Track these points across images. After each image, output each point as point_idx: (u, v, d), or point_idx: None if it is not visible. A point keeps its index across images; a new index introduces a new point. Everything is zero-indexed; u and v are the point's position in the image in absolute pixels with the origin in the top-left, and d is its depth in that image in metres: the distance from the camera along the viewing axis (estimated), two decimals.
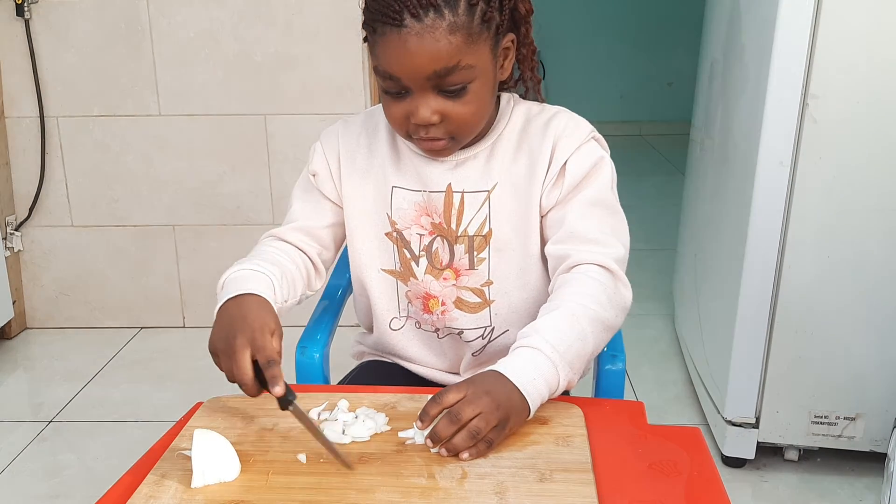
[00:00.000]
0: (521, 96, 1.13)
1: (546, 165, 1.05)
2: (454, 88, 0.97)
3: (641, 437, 0.91)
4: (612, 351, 1.16)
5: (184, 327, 2.74)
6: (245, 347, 0.90)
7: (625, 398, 1.14)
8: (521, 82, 1.11)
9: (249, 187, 2.60)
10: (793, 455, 1.93)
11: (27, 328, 2.75)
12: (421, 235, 1.10)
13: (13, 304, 2.62)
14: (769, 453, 1.95)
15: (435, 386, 1.10)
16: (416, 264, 1.11)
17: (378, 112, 1.11)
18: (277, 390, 0.87)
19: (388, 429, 0.90)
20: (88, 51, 2.49)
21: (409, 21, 0.92)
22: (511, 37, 1.03)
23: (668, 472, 0.84)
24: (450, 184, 1.07)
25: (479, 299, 1.11)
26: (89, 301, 2.72)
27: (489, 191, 1.07)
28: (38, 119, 2.54)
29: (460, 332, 1.13)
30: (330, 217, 1.15)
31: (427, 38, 0.92)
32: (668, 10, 5.31)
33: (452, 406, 0.86)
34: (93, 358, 2.53)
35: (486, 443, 0.85)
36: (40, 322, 2.75)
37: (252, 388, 0.90)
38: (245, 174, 2.59)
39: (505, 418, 0.86)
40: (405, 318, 1.16)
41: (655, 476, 0.83)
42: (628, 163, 2.89)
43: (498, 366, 0.91)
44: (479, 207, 1.07)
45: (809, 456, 1.95)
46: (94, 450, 2.07)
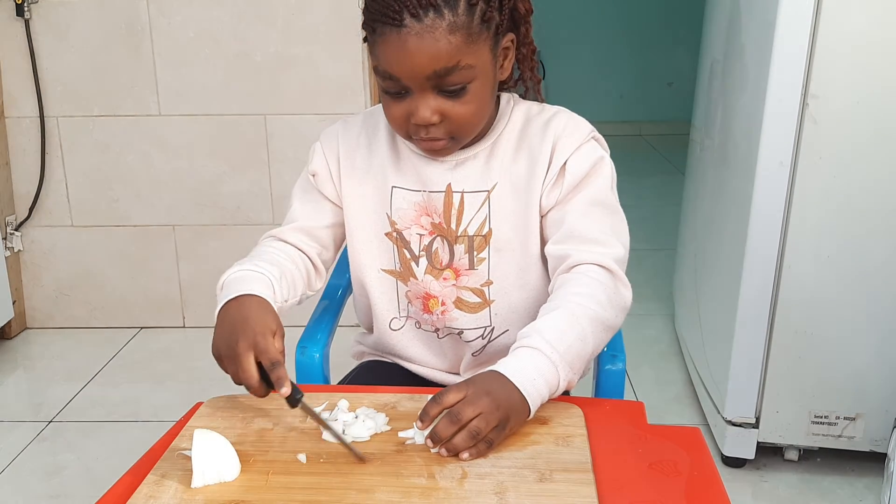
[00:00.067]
0: (521, 96, 1.13)
1: (546, 165, 1.05)
2: (454, 88, 0.97)
3: (641, 437, 0.91)
4: (612, 351, 1.16)
5: (184, 327, 2.74)
6: (248, 351, 0.90)
7: (625, 398, 1.14)
8: (520, 82, 1.11)
9: (249, 187, 2.60)
10: (793, 455, 1.93)
11: (27, 328, 2.75)
12: (421, 235, 1.10)
13: (13, 304, 2.62)
14: (769, 453, 1.95)
15: (435, 386, 1.10)
16: (416, 264, 1.11)
17: (378, 112, 1.11)
18: (284, 391, 0.88)
19: (388, 429, 0.90)
20: (88, 51, 2.49)
21: (408, 21, 0.92)
22: (511, 37, 1.03)
23: (668, 472, 0.84)
24: (449, 184, 1.07)
25: (478, 299, 1.11)
26: (89, 301, 2.72)
27: (489, 191, 1.07)
28: (38, 119, 2.54)
29: (460, 332, 1.13)
30: (330, 217, 1.15)
31: (427, 38, 0.92)
32: (668, 10, 5.30)
33: (453, 406, 0.86)
34: (93, 358, 2.53)
35: (486, 443, 0.85)
36: (40, 322, 2.75)
37: (259, 390, 0.90)
38: (245, 174, 2.59)
39: (505, 418, 0.86)
40: (405, 319, 1.16)
41: (655, 476, 0.83)
42: (628, 163, 2.89)
43: (498, 366, 0.91)
44: (479, 207, 1.07)
45: (809, 456, 1.95)
46: (94, 450, 2.07)
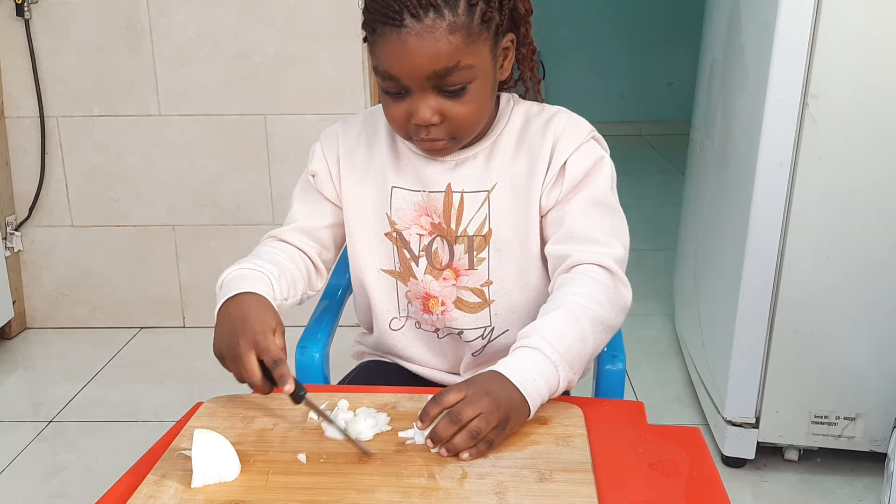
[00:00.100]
0: (521, 96, 1.13)
1: (546, 165, 1.05)
2: (454, 88, 0.97)
3: (641, 437, 0.91)
4: (612, 351, 1.16)
5: (184, 327, 2.74)
6: (249, 350, 0.90)
7: (625, 398, 1.14)
8: (520, 82, 1.11)
9: (249, 187, 2.60)
10: (793, 455, 1.93)
11: (27, 328, 2.75)
12: (420, 235, 1.10)
13: (13, 304, 2.62)
14: (769, 453, 1.95)
15: (435, 386, 1.10)
16: (416, 264, 1.11)
17: (378, 112, 1.11)
18: (288, 388, 0.89)
19: (388, 428, 0.90)
20: (88, 51, 2.49)
21: (409, 21, 0.92)
22: (511, 37, 1.03)
23: (668, 472, 0.84)
24: (449, 184, 1.07)
25: (478, 299, 1.11)
26: (89, 301, 2.72)
27: (489, 191, 1.07)
28: (38, 119, 2.54)
29: (460, 332, 1.13)
30: (329, 217, 1.15)
31: (427, 39, 0.92)
32: (668, 10, 5.31)
33: (453, 406, 0.86)
34: (93, 358, 2.53)
35: (486, 443, 0.85)
36: (40, 322, 2.75)
37: (263, 388, 0.91)
38: (245, 174, 2.59)
39: (505, 419, 0.86)
40: (405, 319, 1.16)
41: (655, 476, 0.83)
42: (628, 163, 2.89)
43: (498, 366, 0.91)
44: (479, 207, 1.07)
45: (809, 456, 1.95)
46: (94, 450, 2.07)
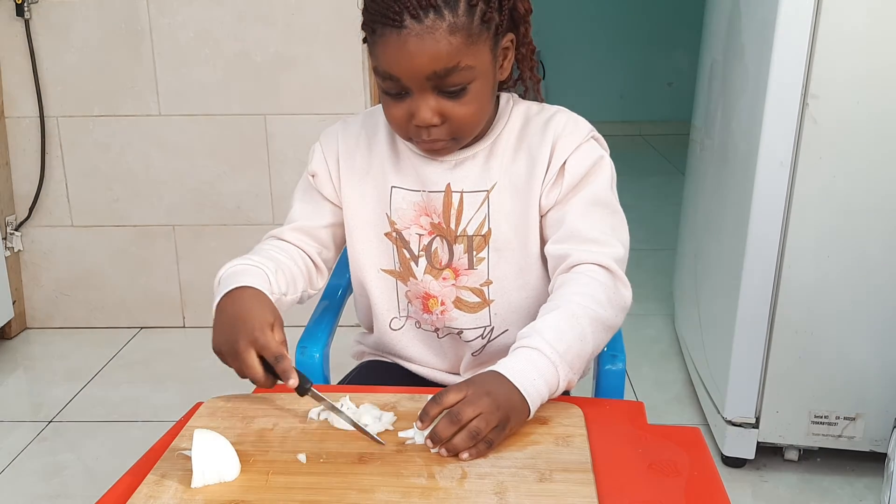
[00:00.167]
0: (521, 96, 1.12)
1: (545, 165, 1.05)
2: (454, 89, 0.97)
3: (641, 437, 0.91)
4: (612, 351, 1.16)
5: (184, 327, 2.74)
6: (248, 347, 0.91)
7: (625, 398, 1.14)
8: (520, 82, 1.11)
9: (249, 187, 2.60)
10: (793, 455, 1.93)
11: (27, 328, 2.75)
12: (420, 235, 1.10)
13: (13, 304, 2.62)
14: (769, 453, 1.95)
15: (435, 386, 1.10)
16: (416, 264, 1.11)
17: (378, 112, 1.11)
18: (292, 383, 0.90)
19: (391, 428, 0.90)
20: (88, 51, 2.49)
21: (409, 22, 0.92)
22: (510, 37, 1.03)
23: (668, 472, 0.84)
24: (449, 183, 1.07)
25: (478, 299, 1.11)
26: (89, 301, 2.72)
27: (488, 190, 1.07)
28: (38, 119, 2.54)
29: (460, 332, 1.13)
30: (329, 217, 1.15)
31: (427, 40, 0.92)
32: (668, 9, 5.30)
33: (453, 406, 0.86)
34: (93, 358, 2.53)
35: (486, 443, 0.85)
36: (40, 322, 2.74)
37: (266, 383, 0.92)
38: (245, 174, 2.59)
39: (505, 419, 0.86)
40: (405, 318, 1.16)
41: (655, 476, 0.83)
42: (628, 163, 2.89)
43: (498, 366, 0.91)
44: (479, 207, 1.07)
45: (809, 456, 1.95)
46: (94, 450, 2.07)
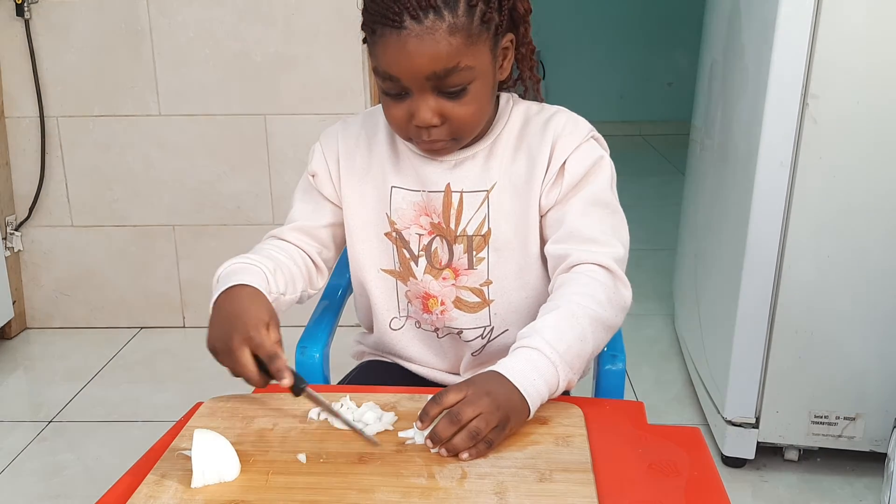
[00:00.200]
0: (521, 96, 1.12)
1: (545, 165, 1.05)
2: (454, 89, 0.97)
3: (641, 437, 0.90)
4: (612, 351, 1.16)
5: (184, 327, 2.74)
6: (242, 346, 0.90)
7: (625, 398, 1.14)
8: (520, 82, 1.11)
9: (249, 187, 2.60)
10: (793, 455, 1.93)
11: (27, 328, 2.75)
12: (420, 235, 1.10)
13: (13, 304, 2.62)
14: (769, 453, 1.95)
15: (435, 386, 1.10)
16: (416, 264, 1.11)
17: (378, 112, 1.11)
18: (285, 382, 0.89)
19: (392, 427, 0.90)
20: (88, 51, 2.49)
21: (408, 23, 0.92)
22: (510, 37, 1.03)
23: (668, 472, 0.84)
24: (448, 183, 1.07)
25: (478, 299, 1.11)
26: (89, 301, 2.72)
27: (488, 190, 1.07)
28: (38, 119, 2.54)
29: (460, 332, 1.13)
30: (329, 217, 1.15)
31: (427, 40, 0.92)
32: (668, 10, 5.30)
33: (453, 406, 0.86)
34: (93, 358, 2.53)
35: (486, 443, 0.85)
36: (40, 322, 2.74)
37: (260, 382, 0.91)
38: (245, 174, 2.59)
39: (505, 419, 0.86)
40: (405, 318, 1.16)
41: (655, 476, 0.83)
42: (628, 163, 2.88)
43: (498, 366, 0.91)
44: (478, 207, 1.07)
45: (809, 456, 1.95)
46: (94, 450, 2.07)
